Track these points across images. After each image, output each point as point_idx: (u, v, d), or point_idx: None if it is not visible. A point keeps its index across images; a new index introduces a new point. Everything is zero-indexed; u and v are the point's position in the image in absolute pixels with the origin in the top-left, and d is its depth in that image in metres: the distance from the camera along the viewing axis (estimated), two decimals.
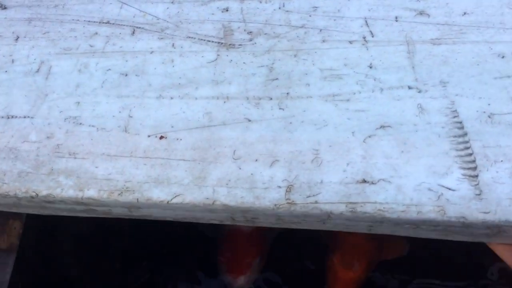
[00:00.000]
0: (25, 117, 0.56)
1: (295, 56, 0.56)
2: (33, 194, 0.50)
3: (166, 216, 0.51)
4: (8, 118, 0.56)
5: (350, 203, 0.44)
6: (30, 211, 0.55)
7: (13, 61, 0.61)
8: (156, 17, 0.62)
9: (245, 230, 0.98)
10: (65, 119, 0.55)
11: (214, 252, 1.01)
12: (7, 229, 0.65)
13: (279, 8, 0.61)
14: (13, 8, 0.66)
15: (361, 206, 0.44)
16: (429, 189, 0.44)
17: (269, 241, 1.03)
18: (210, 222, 0.52)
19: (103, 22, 0.63)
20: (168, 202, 0.48)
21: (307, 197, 0.45)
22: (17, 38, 0.63)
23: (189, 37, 0.60)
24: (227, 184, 0.48)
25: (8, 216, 0.64)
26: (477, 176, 0.44)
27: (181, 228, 1.01)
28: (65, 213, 0.54)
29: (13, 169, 0.52)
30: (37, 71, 0.59)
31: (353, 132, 0.49)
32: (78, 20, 0.63)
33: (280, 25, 0.59)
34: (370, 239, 0.90)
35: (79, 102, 0.56)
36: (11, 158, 0.53)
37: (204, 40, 0.59)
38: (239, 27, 0.60)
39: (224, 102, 0.53)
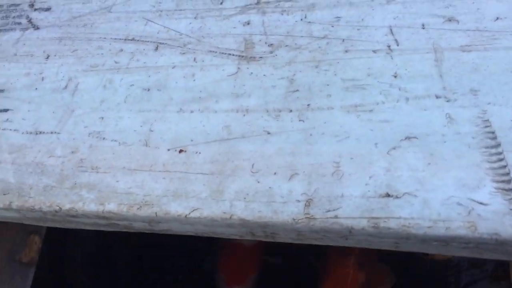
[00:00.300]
0: (52, 132, 0.57)
1: (316, 67, 0.55)
2: (57, 208, 0.51)
3: (186, 231, 0.51)
4: (37, 134, 0.58)
5: (373, 218, 0.42)
6: (57, 225, 0.56)
7: (43, 78, 0.63)
8: (179, 32, 0.63)
9: (245, 244, 1.01)
10: (89, 134, 0.56)
11: (214, 264, 1.04)
12: (29, 243, 0.68)
13: (301, 19, 0.60)
14: (45, 29, 0.69)
15: (385, 221, 0.42)
16: (459, 204, 0.41)
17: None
18: (231, 238, 0.51)
19: (128, 39, 0.64)
20: (186, 216, 0.47)
21: (327, 211, 0.44)
22: (47, 57, 0.65)
23: (211, 51, 0.60)
24: (245, 198, 0.47)
25: (29, 231, 0.67)
26: (511, 189, 0.41)
27: (184, 243, 1.05)
28: (88, 227, 0.55)
29: (39, 183, 0.53)
30: (65, 87, 0.61)
31: (376, 144, 0.47)
32: (105, 38, 0.65)
33: (302, 36, 0.58)
34: (358, 270, 0.91)
35: (103, 117, 0.57)
36: (37, 172, 0.54)
37: (225, 53, 0.59)
38: (260, 40, 0.59)
39: (244, 115, 0.53)
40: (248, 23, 0.61)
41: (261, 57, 0.58)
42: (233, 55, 0.59)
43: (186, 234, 0.52)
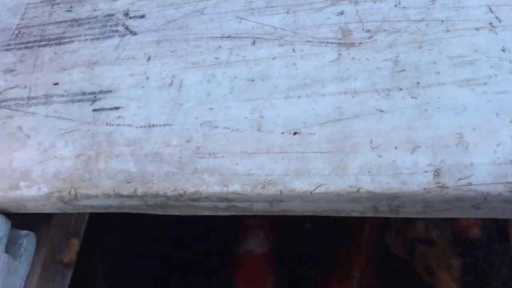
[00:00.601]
0: (164, 125, 0.60)
1: (419, 47, 0.56)
2: (181, 192, 0.53)
3: (306, 210, 0.52)
4: (150, 127, 0.60)
5: (509, 183, 0.42)
6: (173, 212, 0.58)
7: (147, 78, 0.66)
8: (273, 27, 0.65)
9: (257, 252, 1.08)
10: (201, 124, 0.58)
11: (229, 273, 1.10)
12: (69, 245, 0.71)
13: (395, 6, 0.61)
14: (141, 34, 0.73)
15: None
16: None
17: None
18: (350, 215, 0.51)
19: (225, 37, 0.67)
20: (311, 192, 0.48)
21: (459, 179, 0.44)
22: (148, 59, 0.69)
23: (308, 41, 0.62)
24: (369, 172, 0.47)
25: (70, 234, 0.72)
26: None
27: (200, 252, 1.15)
28: (206, 212, 0.57)
29: (160, 171, 0.56)
30: (170, 84, 0.64)
31: (496, 114, 0.47)
32: (201, 37, 0.68)
33: (399, 21, 0.59)
34: None
35: (211, 108, 0.59)
36: (157, 161, 0.57)
37: (323, 42, 0.61)
38: (356, 27, 0.61)
39: (353, 96, 0.54)
40: (342, 13, 0.63)
41: (360, 43, 0.59)
42: (331, 43, 0.60)
43: (304, 214, 0.53)
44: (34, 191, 0.60)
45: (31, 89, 0.72)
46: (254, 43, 0.64)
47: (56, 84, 0.71)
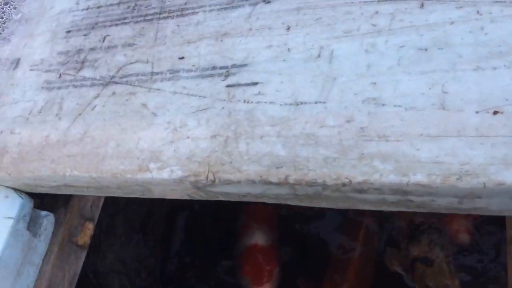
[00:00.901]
0: (316, 102, 0.55)
1: None
2: (346, 180, 0.47)
3: (506, 209, 0.44)
4: (297, 104, 0.56)
5: None
6: (324, 204, 0.53)
7: (289, 49, 0.62)
8: None
9: (261, 244, 1.16)
10: (363, 101, 0.52)
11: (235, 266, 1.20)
12: (84, 229, 0.77)
13: None
14: (277, 1, 0.69)
15: None
16: None
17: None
18: None
19: (382, 0, 0.60)
20: None
21: None
22: (288, 28, 0.64)
23: (497, 1, 0.53)
24: None
25: (85, 218, 0.77)
26: None
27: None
28: (366, 206, 0.51)
29: (316, 155, 0.51)
30: (318, 56, 0.59)
31: None
32: (351, 2, 0.62)
33: None
34: None
35: (375, 83, 0.53)
36: (311, 144, 0.52)
37: None
38: None
39: None
40: None
41: None
42: None
43: (501, 214, 0.45)
44: (166, 174, 0.58)
45: (154, 63, 0.71)
46: (422, 6, 0.57)
47: (182, 58, 0.69)
